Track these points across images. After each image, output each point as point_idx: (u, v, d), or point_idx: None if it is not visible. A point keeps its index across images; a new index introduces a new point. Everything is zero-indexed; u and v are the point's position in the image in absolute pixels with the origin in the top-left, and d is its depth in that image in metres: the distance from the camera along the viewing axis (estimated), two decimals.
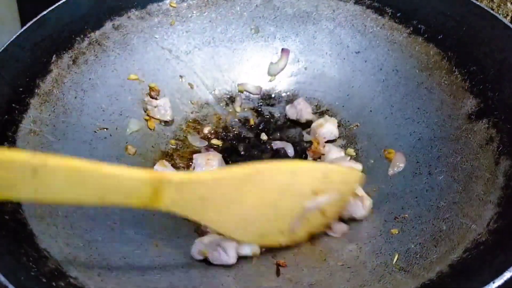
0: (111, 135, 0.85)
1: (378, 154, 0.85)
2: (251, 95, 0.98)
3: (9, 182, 0.50)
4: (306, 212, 0.68)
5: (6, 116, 0.75)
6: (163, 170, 0.81)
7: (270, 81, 0.98)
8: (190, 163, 0.86)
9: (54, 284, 0.60)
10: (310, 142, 0.89)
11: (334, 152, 0.85)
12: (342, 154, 0.86)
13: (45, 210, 0.69)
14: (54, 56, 0.84)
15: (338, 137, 0.90)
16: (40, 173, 0.50)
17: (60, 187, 0.52)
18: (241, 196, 0.63)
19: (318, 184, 0.66)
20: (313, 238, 0.73)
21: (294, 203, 0.67)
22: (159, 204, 0.58)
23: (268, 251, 0.73)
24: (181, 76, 0.96)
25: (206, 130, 0.92)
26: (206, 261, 0.71)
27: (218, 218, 0.64)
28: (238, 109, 0.96)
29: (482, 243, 0.63)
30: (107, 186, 0.54)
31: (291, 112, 0.93)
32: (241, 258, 0.72)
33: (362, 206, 0.74)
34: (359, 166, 0.82)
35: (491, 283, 0.55)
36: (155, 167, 0.82)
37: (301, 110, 0.92)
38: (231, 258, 0.69)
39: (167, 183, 0.57)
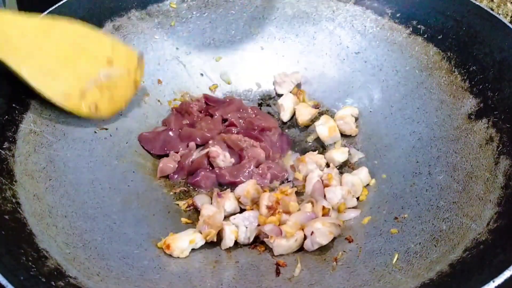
0: (111, 135, 0.85)
1: (378, 154, 0.85)
2: (252, 95, 0.98)
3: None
4: (101, 78, 0.78)
5: (6, 116, 0.75)
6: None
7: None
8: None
9: (53, 283, 0.60)
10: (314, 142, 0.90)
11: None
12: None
13: (45, 210, 0.70)
14: None
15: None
16: None
17: None
18: (43, 43, 0.72)
19: (110, 53, 0.79)
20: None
21: (90, 65, 0.78)
22: None
23: (268, 251, 0.73)
24: (181, 77, 0.96)
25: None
26: (206, 261, 0.71)
27: (23, 61, 0.71)
28: None
29: (482, 242, 0.63)
30: None
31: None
32: (241, 258, 0.72)
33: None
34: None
35: (491, 282, 0.55)
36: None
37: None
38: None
39: None
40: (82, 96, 0.77)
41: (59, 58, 0.75)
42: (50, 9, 0.84)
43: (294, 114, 0.94)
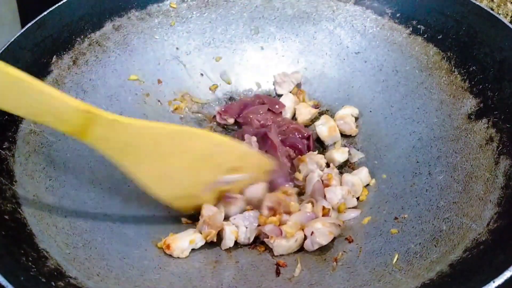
0: None
1: (378, 154, 0.85)
2: (252, 95, 0.98)
3: None
4: (219, 184, 0.73)
5: (7, 116, 0.75)
6: None
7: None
8: None
9: (53, 284, 0.60)
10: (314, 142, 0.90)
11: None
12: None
13: (45, 210, 0.70)
14: (54, 56, 0.84)
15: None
16: None
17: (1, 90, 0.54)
18: (164, 151, 0.67)
19: (236, 162, 0.73)
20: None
21: (211, 173, 0.72)
22: (87, 137, 0.61)
23: (268, 251, 0.73)
24: (181, 77, 0.96)
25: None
26: (205, 261, 0.71)
27: (139, 166, 0.67)
28: None
29: (482, 242, 0.63)
30: (42, 103, 0.56)
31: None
32: (241, 258, 0.72)
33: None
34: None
35: (491, 282, 0.55)
36: None
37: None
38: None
39: (99, 117, 0.60)
40: (192, 198, 0.74)
41: (179, 167, 0.69)
42: (50, 9, 0.84)
43: (294, 114, 0.94)
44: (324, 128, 0.88)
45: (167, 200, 0.73)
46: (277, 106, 0.92)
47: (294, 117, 0.94)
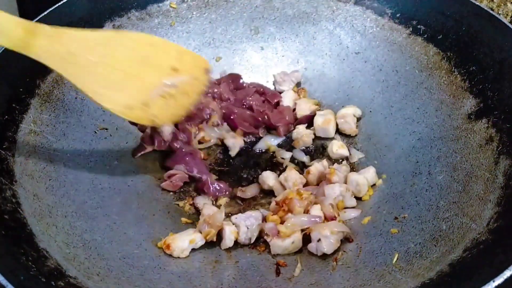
0: (111, 135, 0.85)
1: (378, 154, 0.85)
2: None
3: None
4: (165, 88, 0.74)
5: (7, 116, 0.75)
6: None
7: None
8: None
9: (53, 283, 0.60)
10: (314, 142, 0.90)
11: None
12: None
13: (45, 210, 0.70)
14: None
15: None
16: None
17: None
18: (106, 57, 0.69)
19: (175, 62, 0.75)
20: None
21: (154, 75, 0.74)
22: (30, 50, 0.63)
23: (269, 251, 0.73)
24: None
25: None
26: (205, 261, 0.71)
27: (84, 76, 0.68)
28: None
29: (482, 242, 0.63)
30: None
31: None
32: (241, 258, 0.72)
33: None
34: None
35: (491, 282, 0.55)
36: None
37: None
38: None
39: (39, 28, 0.64)
40: (145, 106, 0.74)
41: (122, 71, 0.72)
42: (50, 9, 0.84)
43: (294, 109, 0.94)
44: (320, 119, 0.89)
45: (119, 111, 0.73)
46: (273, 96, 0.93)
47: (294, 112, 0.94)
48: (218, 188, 0.81)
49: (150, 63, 0.74)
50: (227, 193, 0.82)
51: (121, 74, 0.72)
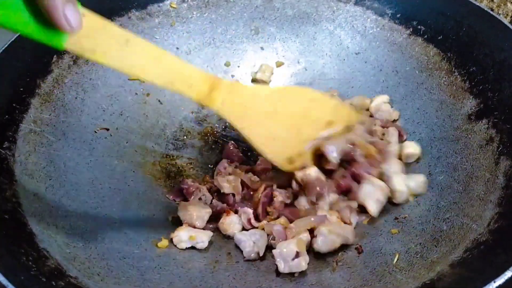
0: (111, 135, 0.85)
1: None
2: None
3: (104, 48, 0.57)
4: (317, 140, 0.77)
5: (7, 116, 0.75)
6: None
7: None
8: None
9: (53, 283, 0.60)
10: None
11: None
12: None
13: (45, 210, 0.70)
14: (55, 56, 0.84)
15: None
16: (131, 43, 0.59)
17: (142, 60, 0.61)
18: (273, 111, 0.73)
19: (331, 116, 0.78)
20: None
21: (311, 129, 0.77)
22: (213, 103, 0.68)
23: (269, 251, 0.73)
24: None
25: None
26: (206, 261, 0.71)
27: (254, 128, 0.72)
28: None
29: (483, 242, 0.63)
30: (177, 73, 0.65)
31: None
32: (241, 258, 0.72)
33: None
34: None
35: (492, 282, 0.55)
36: None
37: None
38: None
39: (220, 82, 0.68)
40: (299, 157, 0.77)
41: (285, 124, 0.75)
42: None
43: None
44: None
45: (280, 164, 0.76)
46: None
47: None
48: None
49: (310, 116, 0.77)
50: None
51: (285, 127, 0.75)
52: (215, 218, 0.77)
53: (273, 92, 0.77)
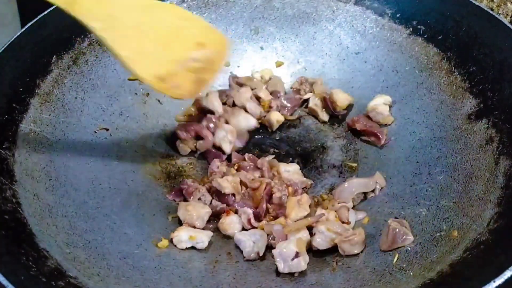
0: (111, 135, 0.85)
1: (378, 154, 0.85)
2: None
3: None
4: (190, 61, 0.76)
5: (6, 116, 0.75)
6: None
7: None
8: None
9: (53, 283, 0.60)
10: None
11: None
12: None
13: (45, 210, 0.70)
14: (54, 56, 0.84)
15: (338, 137, 0.89)
16: None
17: None
18: (142, 25, 0.72)
19: (201, 37, 0.78)
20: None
21: (183, 47, 0.76)
22: (75, 8, 0.66)
23: (269, 251, 0.73)
24: None
25: None
26: (205, 261, 0.71)
27: (121, 40, 0.70)
28: None
29: (483, 242, 0.63)
30: None
31: None
32: (241, 258, 0.72)
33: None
34: None
35: (492, 282, 0.55)
36: None
37: None
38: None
39: None
40: (170, 77, 0.75)
41: (155, 40, 0.74)
42: (50, 9, 0.84)
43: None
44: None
45: (150, 81, 0.74)
46: None
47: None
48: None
49: (180, 35, 0.76)
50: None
51: (154, 44, 0.73)
52: (215, 218, 0.77)
53: (143, 5, 0.75)
